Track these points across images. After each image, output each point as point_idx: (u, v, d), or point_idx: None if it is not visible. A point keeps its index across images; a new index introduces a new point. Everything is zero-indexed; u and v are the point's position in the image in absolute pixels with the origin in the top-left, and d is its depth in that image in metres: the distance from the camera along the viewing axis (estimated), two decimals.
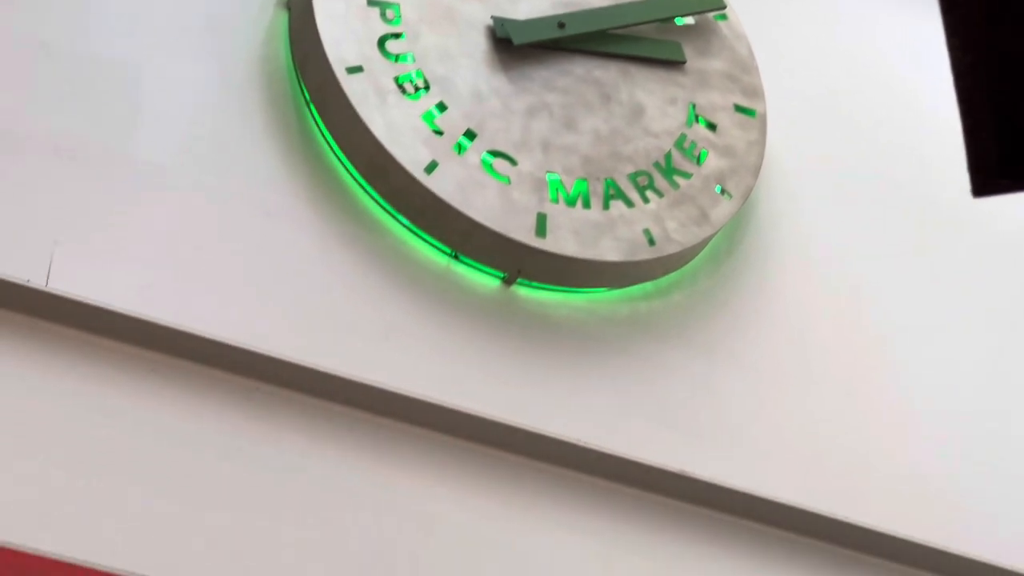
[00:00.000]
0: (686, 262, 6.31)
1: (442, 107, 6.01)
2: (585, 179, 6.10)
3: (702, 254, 6.39)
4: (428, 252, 5.91)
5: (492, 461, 5.70)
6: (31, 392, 5.18)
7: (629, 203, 6.13)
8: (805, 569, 6.05)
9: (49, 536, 4.98)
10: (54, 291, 5.22)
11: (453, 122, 5.99)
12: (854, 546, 6.12)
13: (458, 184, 5.86)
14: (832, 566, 6.09)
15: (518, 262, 5.93)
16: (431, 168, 5.84)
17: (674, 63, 6.53)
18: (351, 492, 5.45)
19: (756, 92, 6.63)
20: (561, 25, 6.33)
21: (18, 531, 4.94)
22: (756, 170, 6.44)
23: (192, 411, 5.34)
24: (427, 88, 6.02)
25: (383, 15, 6.07)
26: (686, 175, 6.30)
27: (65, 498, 5.07)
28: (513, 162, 6.02)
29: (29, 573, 5.04)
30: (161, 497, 5.19)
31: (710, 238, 6.31)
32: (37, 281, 5.21)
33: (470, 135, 5.99)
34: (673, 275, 6.28)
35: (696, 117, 6.44)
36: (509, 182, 5.96)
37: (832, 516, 6.04)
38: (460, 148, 5.95)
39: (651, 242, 6.08)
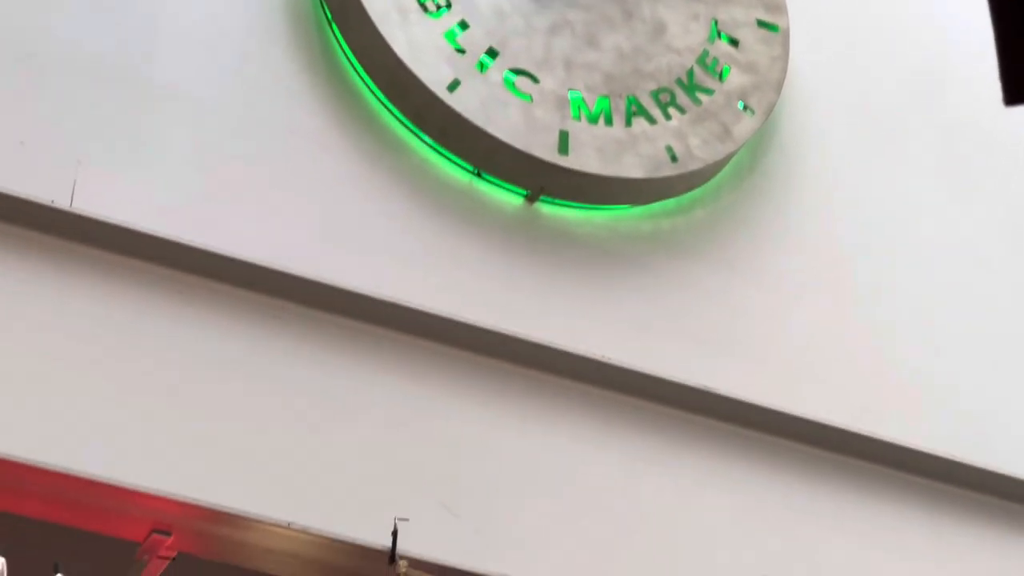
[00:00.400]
0: (708, 178, 6.30)
1: (464, 25, 5.98)
2: (607, 96, 6.09)
3: (724, 170, 6.37)
4: (451, 170, 5.91)
5: (515, 378, 5.72)
6: (56, 312, 5.20)
7: (651, 120, 6.12)
8: (827, 483, 6.07)
9: (72, 454, 5.02)
10: (78, 211, 5.23)
11: (475, 40, 5.97)
12: (878, 460, 6.14)
13: (480, 102, 5.85)
14: (855, 480, 6.11)
15: (540, 179, 5.92)
16: (453, 86, 5.83)
17: None
18: (374, 408, 5.48)
19: (779, 7, 6.59)
20: None
21: (40, 450, 4.98)
22: (779, 86, 6.42)
23: (217, 330, 5.36)
24: (449, 6, 5.99)
25: None
26: (708, 91, 6.27)
27: (91, 415, 5.11)
28: (535, 80, 6.00)
29: (64, 492, 5.08)
30: (187, 414, 5.23)
31: (732, 154, 6.30)
32: (61, 202, 5.22)
33: (492, 53, 5.98)
34: (696, 191, 6.27)
35: (718, 33, 6.41)
36: (531, 100, 5.95)
37: (855, 431, 6.06)
38: (482, 66, 5.93)
39: (673, 159, 6.07)
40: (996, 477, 6.25)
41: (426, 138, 5.89)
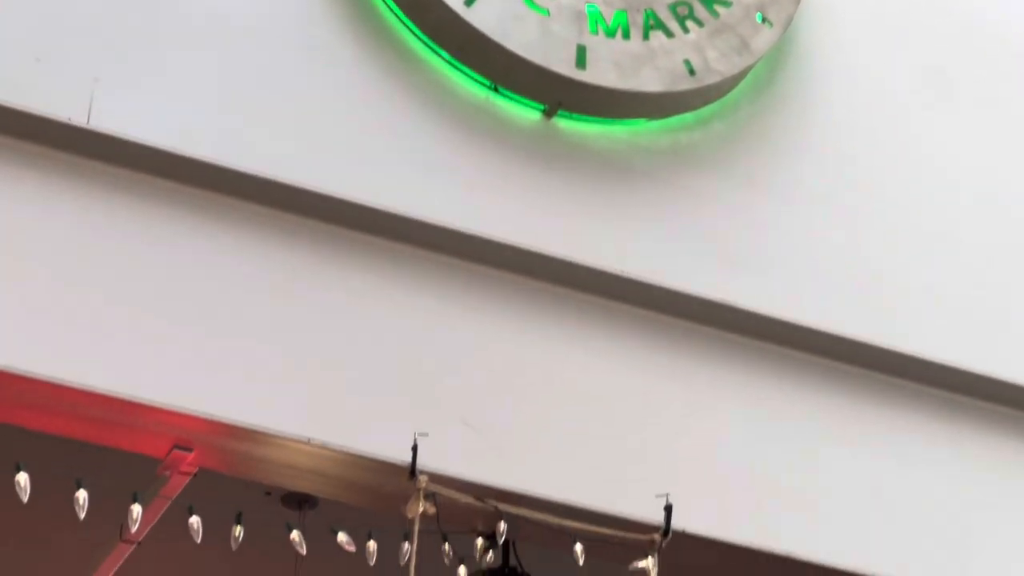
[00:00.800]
0: (727, 92, 6.27)
1: None
2: (624, 10, 6.05)
3: (743, 83, 6.34)
4: (468, 85, 5.88)
5: (533, 292, 5.73)
6: (74, 230, 5.20)
7: (669, 33, 6.08)
8: (846, 395, 6.09)
9: (93, 371, 5.04)
10: (95, 129, 5.22)
11: None
12: (897, 373, 6.15)
13: (497, 17, 5.81)
14: (871, 391, 6.13)
15: (558, 94, 5.90)
16: (470, 1, 5.79)
17: None
18: (393, 324, 5.50)
19: None
20: None
21: (62, 367, 5.00)
22: None
23: (236, 247, 5.37)
24: None
25: None
26: (726, 4, 6.23)
27: (111, 333, 5.12)
28: None
29: (86, 409, 5.11)
30: (207, 331, 5.24)
31: (751, 67, 6.26)
32: (78, 119, 5.21)
33: None
34: (714, 105, 6.24)
35: None
36: (548, 14, 5.91)
37: (874, 344, 6.08)
38: None
39: (691, 72, 6.05)
40: (1012, 388, 6.27)
41: (444, 54, 5.86)
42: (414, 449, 5.22)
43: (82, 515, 5.25)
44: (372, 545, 5.77)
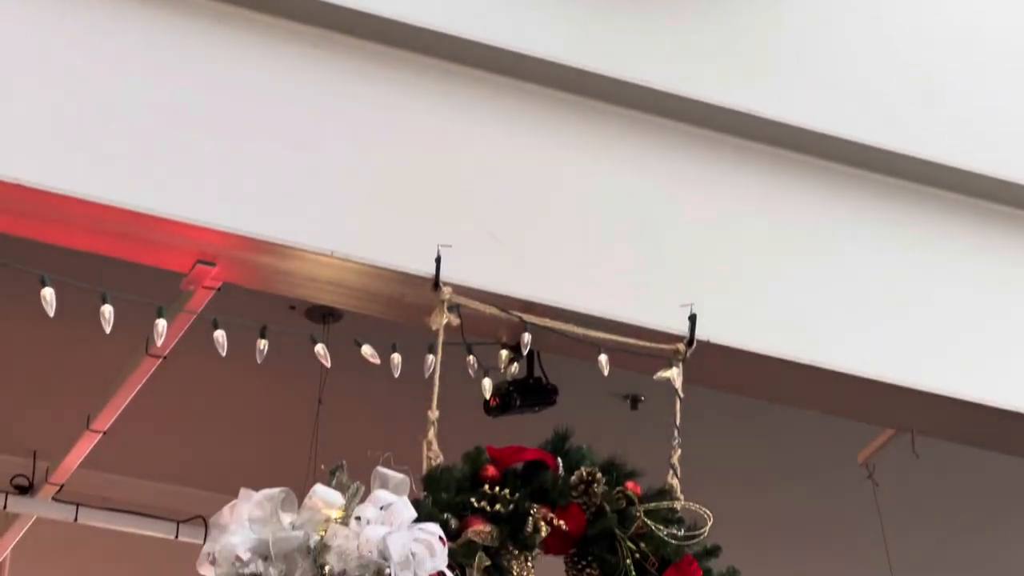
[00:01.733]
0: None
1: None
2: None
3: None
4: None
5: (557, 103, 5.70)
6: (99, 41, 5.18)
7: None
8: (870, 203, 6.08)
9: (118, 186, 5.05)
10: None
11: None
12: (923, 180, 6.13)
13: None
14: (900, 200, 6.11)
15: None
16: None
17: None
18: (417, 136, 5.49)
19: None
20: None
21: (87, 183, 5.01)
22: None
23: (258, 60, 5.34)
24: None
25: None
26: None
27: (135, 147, 5.12)
28: None
29: (111, 224, 5.11)
30: (230, 145, 5.25)
31: None
32: None
33: None
34: None
35: None
36: None
37: (899, 151, 6.04)
38: None
39: None
40: None
41: None
42: (437, 260, 5.21)
43: (108, 329, 5.26)
44: (396, 357, 5.78)
